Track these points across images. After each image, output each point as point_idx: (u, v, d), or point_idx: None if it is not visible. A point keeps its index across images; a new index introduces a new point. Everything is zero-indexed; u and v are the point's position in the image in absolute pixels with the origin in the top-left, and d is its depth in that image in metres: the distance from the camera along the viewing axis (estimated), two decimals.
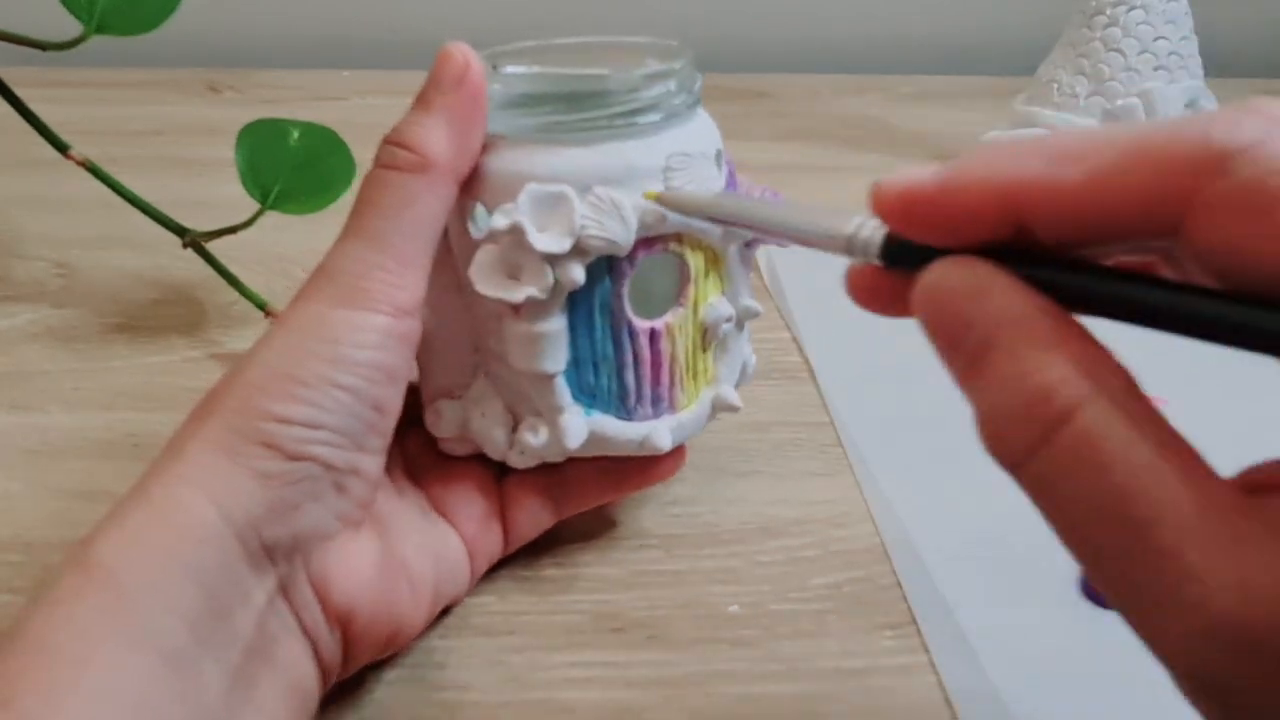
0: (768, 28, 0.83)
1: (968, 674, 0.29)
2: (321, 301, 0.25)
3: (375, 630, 0.26)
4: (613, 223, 0.26)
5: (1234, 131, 0.15)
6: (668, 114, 0.27)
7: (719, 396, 0.30)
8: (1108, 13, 0.55)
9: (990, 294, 0.17)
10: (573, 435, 0.28)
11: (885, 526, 0.34)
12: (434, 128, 0.26)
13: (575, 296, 0.27)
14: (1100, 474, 0.15)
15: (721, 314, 0.29)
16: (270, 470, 0.24)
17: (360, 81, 0.72)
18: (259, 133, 0.40)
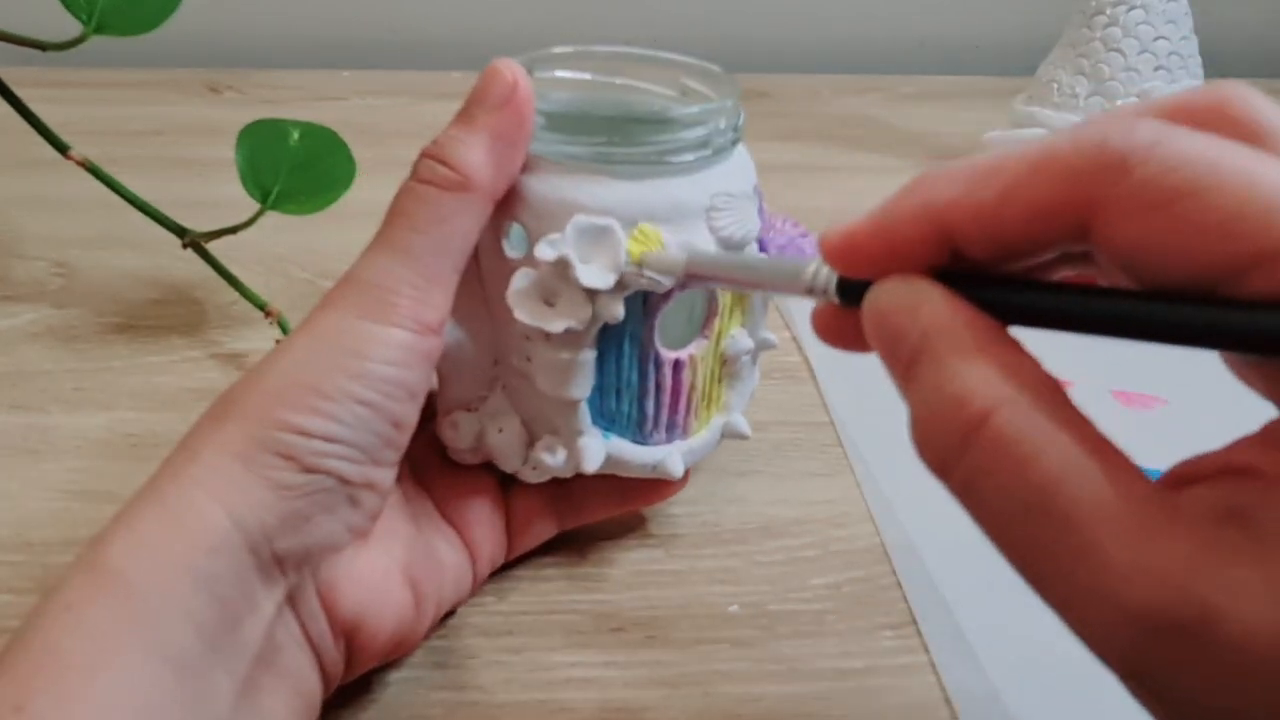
0: (768, 28, 0.83)
1: (968, 674, 0.29)
2: (347, 312, 0.25)
3: (379, 640, 0.26)
4: (655, 260, 0.25)
5: (1130, 135, 0.16)
6: (715, 150, 0.27)
7: (729, 424, 0.31)
8: (1108, 13, 0.55)
9: (922, 307, 0.18)
10: (590, 458, 0.28)
11: (885, 526, 0.34)
12: (475, 146, 0.25)
13: (607, 327, 0.27)
14: (1018, 473, 0.16)
15: (743, 347, 0.30)
16: (286, 481, 0.23)
17: (360, 81, 0.72)
18: (259, 133, 0.40)
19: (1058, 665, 0.29)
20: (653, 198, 0.26)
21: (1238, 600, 0.14)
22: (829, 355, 0.44)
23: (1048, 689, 0.29)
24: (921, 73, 0.79)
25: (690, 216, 0.26)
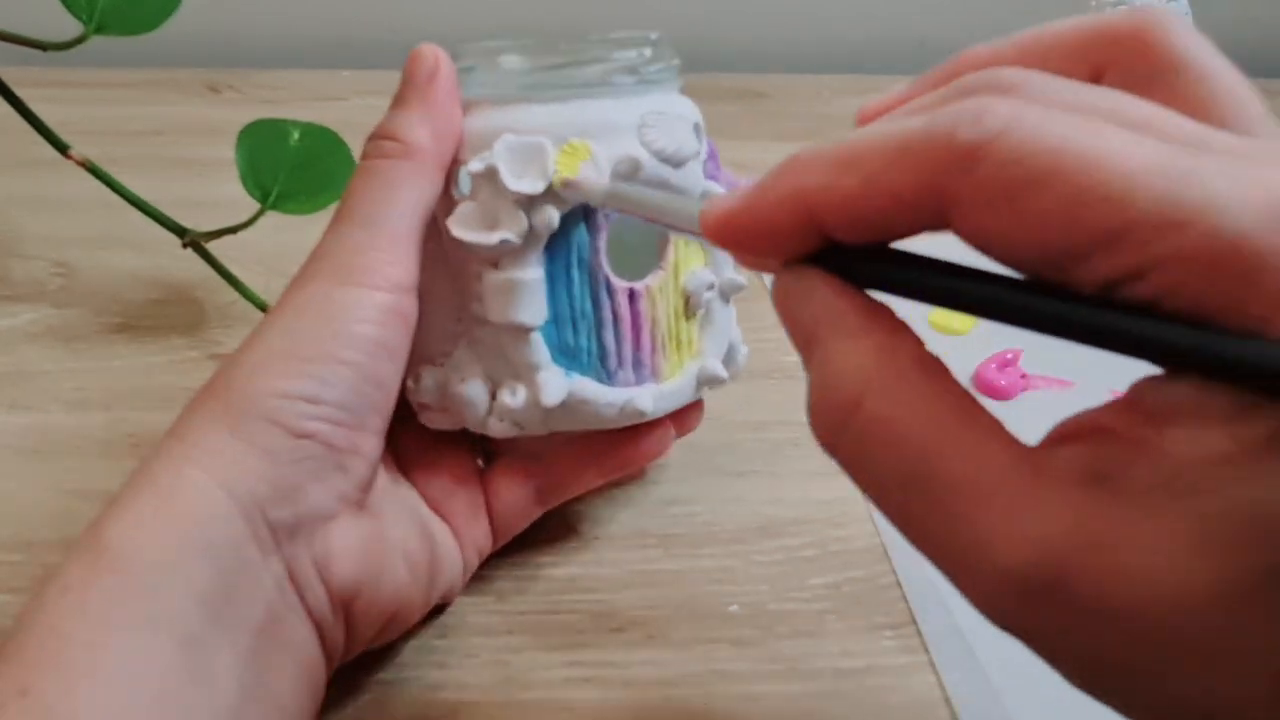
0: (768, 28, 0.83)
1: (967, 674, 0.29)
2: (318, 281, 0.26)
3: (377, 610, 0.26)
4: (587, 168, 0.26)
5: (977, 126, 0.16)
6: (644, 80, 0.28)
7: (704, 369, 0.30)
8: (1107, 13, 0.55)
9: (813, 295, 0.18)
10: (550, 392, 0.27)
11: (885, 526, 0.34)
12: (413, 118, 0.27)
13: (553, 251, 0.27)
14: (892, 451, 0.17)
15: (703, 280, 0.29)
16: (274, 447, 0.24)
17: (360, 81, 0.72)
18: (259, 133, 0.40)
19: None
20: (581, 115, 0.27)
21: (1093, 555, 0.15)
22: None
23: (1047, 689, 0.29)
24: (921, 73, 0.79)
25: (621, 131, 0.27)
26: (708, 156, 0.29)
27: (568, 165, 0.26)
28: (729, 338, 0.31)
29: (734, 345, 0.32)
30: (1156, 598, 0.15)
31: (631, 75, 0.28)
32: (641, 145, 0.27)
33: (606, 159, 0.26)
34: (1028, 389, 0.41)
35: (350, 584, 0.26)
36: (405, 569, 0.27)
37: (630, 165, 0.27)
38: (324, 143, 0.41)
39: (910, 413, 0.17)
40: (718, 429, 0.32)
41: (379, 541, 0.27)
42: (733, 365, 0.32)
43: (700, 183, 0.28)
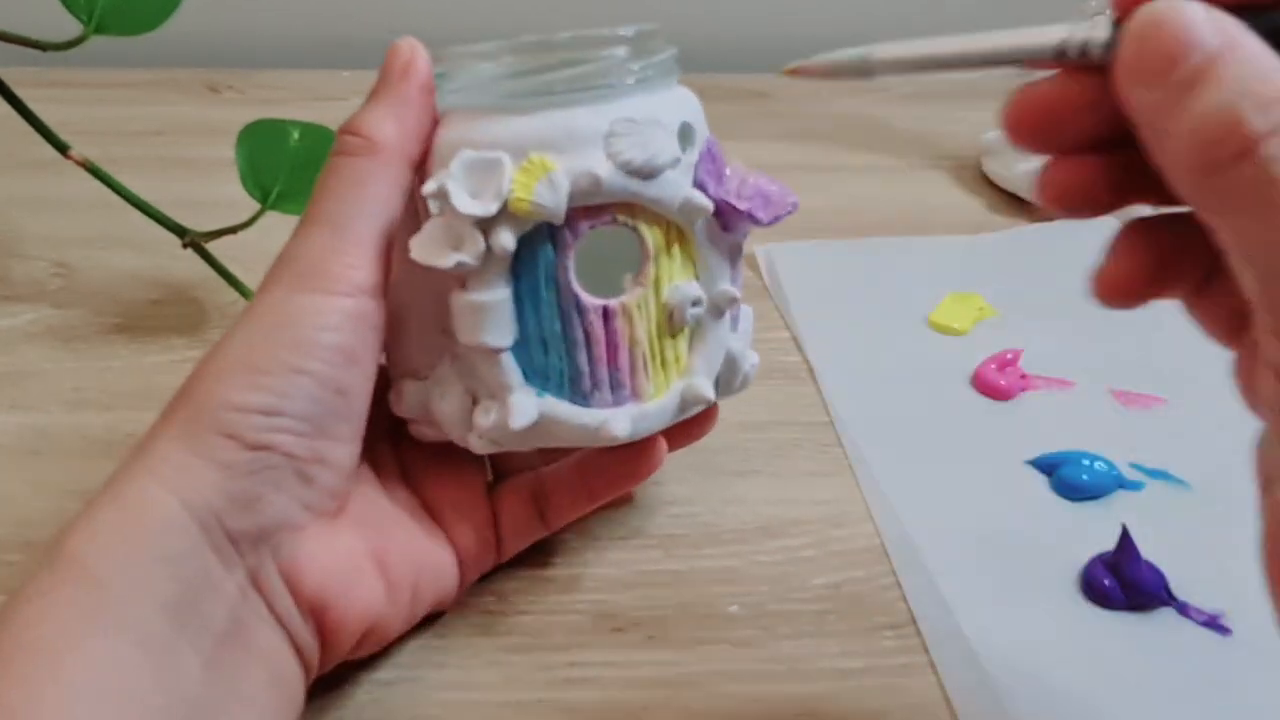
0: (768, 28, 0.83)
1: (967, 674, 0.29)
2: (279, 288, 0.25)
3: (349, 623, 0.26)
4: (542, 187, 0.25)
5: None
6: (625, 81, 0.27)
7: (689, 387, 0.28)
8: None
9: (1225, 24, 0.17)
10: (519, 414, 0.26)
11: (885, 526, 0.35)
12: (381, 114, 0.27)
13: (520, 269, 0.26)
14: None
15: (687, 296, 0.27)
16: (229, 460, 0.24)
17: (360, 81, 0.72)
18: (259, 133, 0.40)
19: (1058, 665, 0.30)
20: (544, 128, 0.26)
21: None
22: (829, 355, 0.44)
23: (1047, 689, 0.29)
24: None
25: (585, 144, 0.26)
26: (701, 158, 0.27)
27: (523, 184, 0.25)
28: (724, 353, 0.29)
29: (735, 357, 0.30)
30: None
31: (608, 78, 0.26)
32: (607, 157, 0.25)
33: (566, 174, 0.25)
34: (1027, 389, 0.41)
35: (320, 594, 0.25)
36: (381, 584, 0.27)
37: (589, 181, 0.25)
38: (324, 143, 0.41)
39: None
40: (718, 429, 0.32)
41: (353, 553, 0.27)
42: (736, 378, 0.30)
43: (680, 192, 0.27)
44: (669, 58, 0.28)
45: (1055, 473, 0.36)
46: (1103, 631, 0.31)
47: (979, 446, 0.38)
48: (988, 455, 0.38)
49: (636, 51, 0.27)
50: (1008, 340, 0.43)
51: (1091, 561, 0.32)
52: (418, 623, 0.29)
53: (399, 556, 0.28)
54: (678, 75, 0.28)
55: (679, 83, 0.29)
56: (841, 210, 0.57)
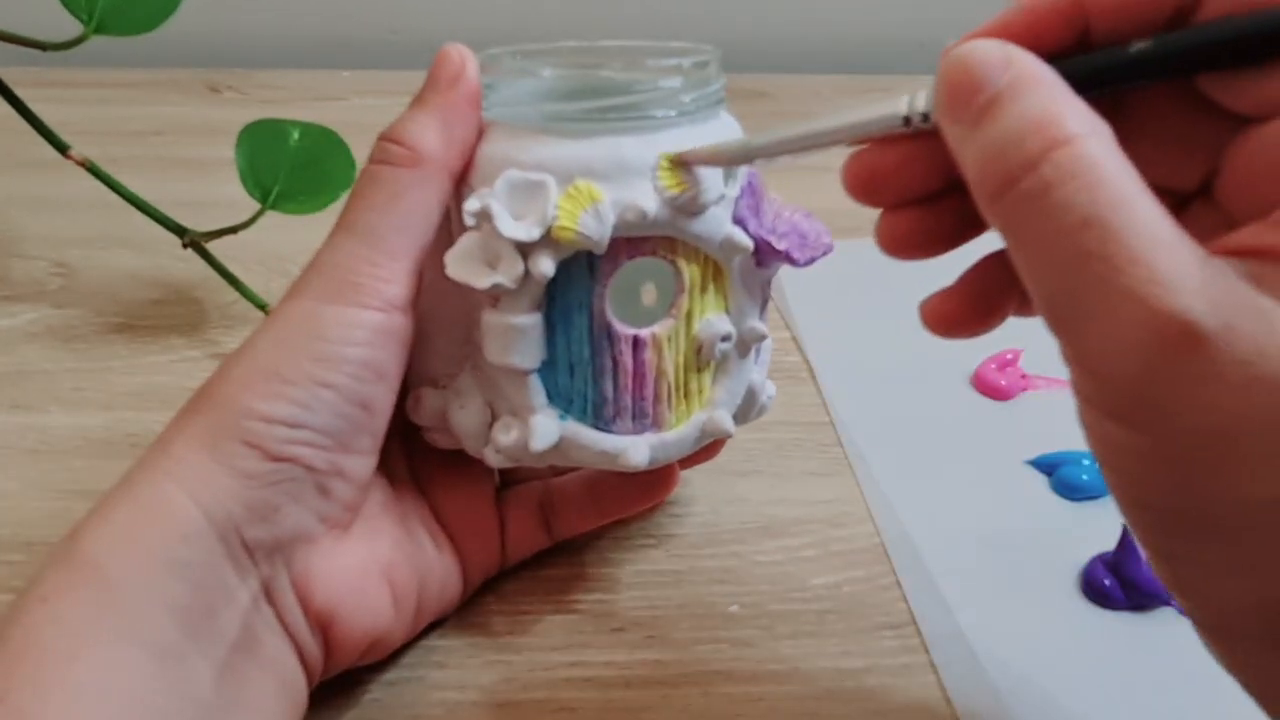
0: (768, 28, 0.83)
1: (967, 674, 0.29)
2: (310, 297, 0.25)
3: (355, 637, 0.26)
4: (587, 217, 0.25)
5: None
6: (673, 112, 0.26)
7: (711, 420, 0.28)
8: None
9: (1015, 61, 0.18)
10: (540, 436, 0.26)
11: (885, 526, 0.34)
12: (426, 124, 0.26)
13: (555, 294, 0.26)
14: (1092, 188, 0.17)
15: (717, 331, 0.27)
16: (251, 470, 0.24)
17: (360, 81, 0.72)
18: (259, 133, 0.40)
19: (1058, 665, 0.30)
20: (593, 155, 0.25)
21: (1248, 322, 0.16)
22: (829, 355, 0.44)
23: (1047, 689, 0.29)
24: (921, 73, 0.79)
25: (633, 174, 0.25)
26: (743, 192, 0.27)
27: (568, 212, 0.24)
28: (745, 387, 0.29)
29: (755, 390, 0.30)
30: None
31: (662, 108, 0.26)
32: (654, 191, 0.25)
33: (613, 205, 0.25)
34: (1027, 389, 0.41)
35: (329, 608, 0.25)
36: (388, 596, 0.27)
37: (636, 214, 0.25)
38: (324, 143, 0.41)
39: (1116, 165, 0.17)
40: None
41: (363, 567, 0.26)
42: (753, 409, 0.30)
43: (722, 229, 0.26)
44: (719, 88, 0.27)
45: (1055, 473, 0.36)
46: (1103, 631, 0.31)
47: (979, 447, 0.38)
48: (988, 455, 0.38)
49: (689, 82, 0.26)
50: (1007, 340, 0.43)
51: (1092, 561, 0.32)
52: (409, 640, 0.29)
53: (406, 569, 0.28)
54: (724, 104, 0.28)
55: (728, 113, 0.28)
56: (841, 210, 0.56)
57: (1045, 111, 0.17)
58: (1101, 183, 0.17)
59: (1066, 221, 0.17)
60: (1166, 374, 0.16)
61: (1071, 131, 0.17)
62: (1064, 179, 0.17)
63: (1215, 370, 0.16)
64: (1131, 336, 0.16)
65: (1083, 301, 0.17)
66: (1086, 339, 0.17)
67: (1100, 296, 0.16)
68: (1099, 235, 0.16)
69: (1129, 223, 0.16)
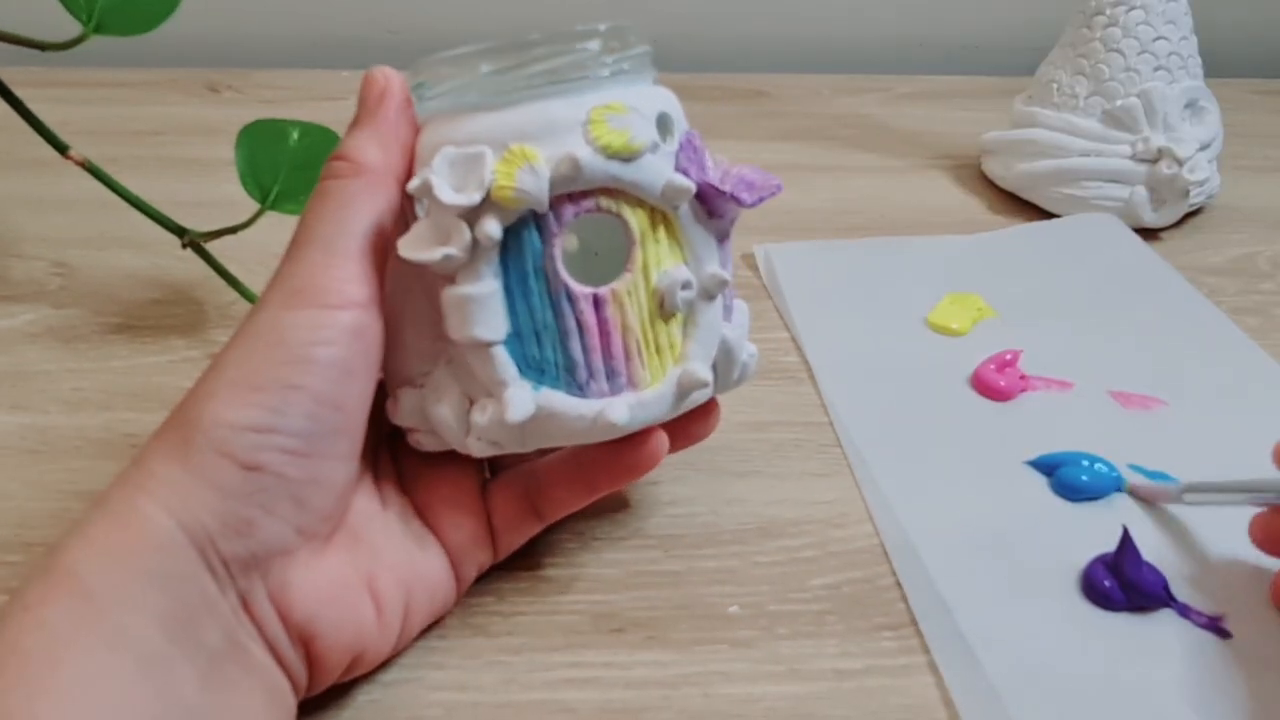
0: (768, 28, 0.83)
1: (967, 674, 0.29)
2: (272, 307, 0.25)
3: (337, 652, 0.26)
4: (524, 174, 0.25)
5: None
6: (597, 75, 0.27)
7: (685, 373, 0.28)
8: (1107, 13, 0.55)
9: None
10: (515, 408, 0.26)
11: (884, 527, 0.35)
12: (363, 137, 0.27)
13: (508, 262, 0.26)
14: None
15: (675, 280, 0.27)
16: (223, 481, 0.23)
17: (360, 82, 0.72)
18: (259, 133, 0.40)
19: (1057, 666, 0.30)
20: (522, 120, 0.26)
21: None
22: (828, 355, 0.44)
23: (1047, 690, 0.29)
24: (920, 73, 0.79)
25: (565, 132, 0.26)
26: (682, 147, 0.28)
27: (505, 173, 0.25)
28: (718, 338, 0.29)
29: (731, 345, 0.29)
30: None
31: (583, 70, 0.27)
32: (586, 143, 0.26)
33: (547, 161, 0.25)
34: (1027, 390, 0.41)
35: (309, 622, 0.25)
36: (370, 609, 0.27)
37: (570, 165, 0.25)
38: (324, 143, 0.41)
39: None
40: (719, 429, 0.32)
41: (344, 580, 0.26)
42: (734, 368, 0.30)
43: (662, 175, 0.27)
44: (643, 54, 0.28)
45: (1055, 473, 0.36)
46: (1103, 633, 0.31)
47: (978, 447, 0.38)
48: (987, 456, 0.38)
49: (610, 46, 0.27)
50: (1007, 341, 0.43)
51: (1092, 563, 0.32)
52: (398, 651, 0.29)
53: (391, 578, 0.28)
54: (654, 74, 0.29)
55: (657, 83, 0.29)
56: (841, 210, 0.57)
57: None
58: None
59: None
60: None
61: None
62: None
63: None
64: None
65: None
66: None
67: None
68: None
69: None
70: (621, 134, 0.26)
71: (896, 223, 0.55)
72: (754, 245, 0.50)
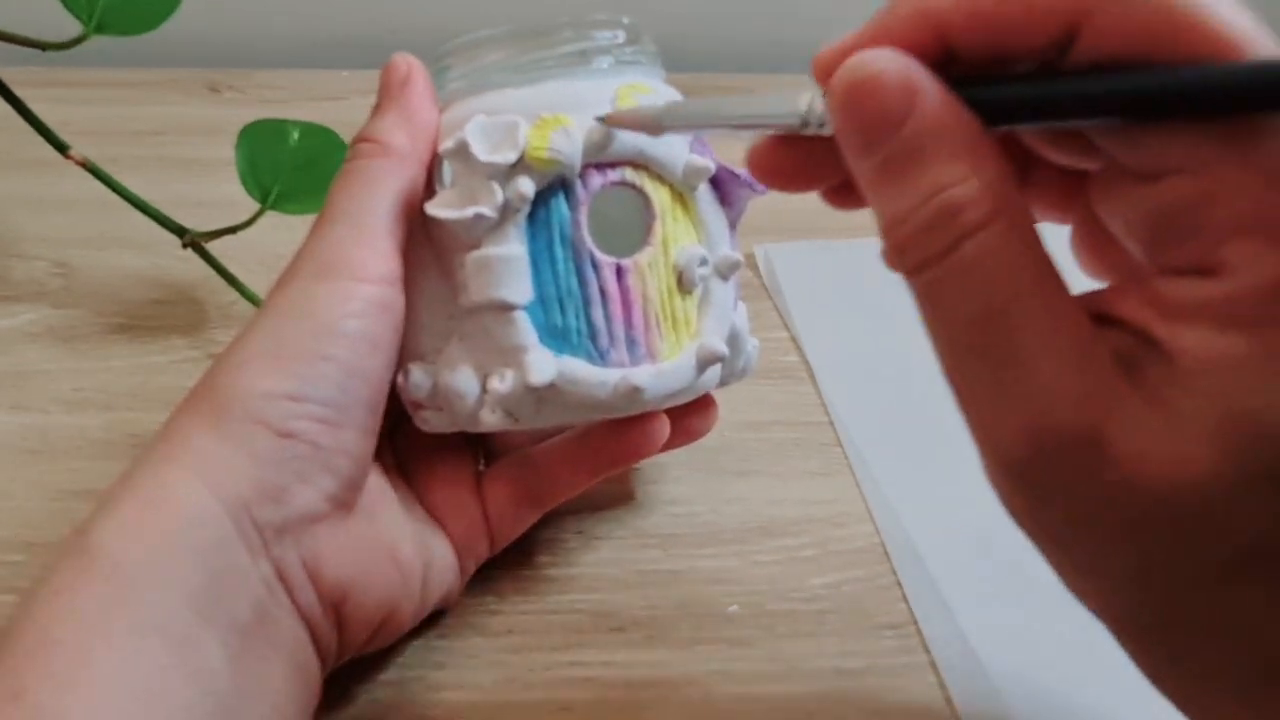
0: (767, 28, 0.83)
1: (968, 674, 0.29)
2: (301, 279, 0.26)
3: (367, 613, 0.26)
4: (558, 136, 0.26)
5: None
6: (619, 61, 0.28)
7: (703, 347, 0.29)
8: None
9: (921, 96, 0.18)
10: (538, 371, 0.26)
11: (884, 526, 0.35)
12: (389, 120, 0.28)
13: (535, 229, 0.27)
14: (990, 285, 0.17)
15: (694, 256, 0.28)
16: (259, 448, 0.24)
17: (360, 81, 0.72)
18: (259, 133, 0.40)
19: (1058, 665, 0.30)
20: (553, 95, 0.27)
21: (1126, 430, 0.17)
22: (828, 355, 0.44)
23: (1048, 689, 0.29)
24: None
25: (593, 107, 0.27)
26: (693, 140, 0.29)
27: (540, 134, 0.26)
28: (730, 319, 0.30)
29: (738, 332, 0.30)
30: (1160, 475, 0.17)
31: (606, 56, 0.28)
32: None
33: (580, 128, 0.26)
34: None
35: (341, 585, 0.25)
36: (396, 573, 0.27)
37: (602, 134, 0.26)
38: (324, 143, 0.41)
39: (1015, 256, 0.17)
40: (718, 429, 0.32)
41: (369, 544, 0.27)
42: (740, 356, 0.31)
43: (684, 155, 0.28)
44: (655, 51, 0.29)
45: None
46: (1105, 635, 0.30)
47: None
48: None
49: (629, 36, 0.29)
50: None
51: None
52: (418, 622, 0.29)
53: (409, 546, 0.28)
54: (663, 73, 0.30)
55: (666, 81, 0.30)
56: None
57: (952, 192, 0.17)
58: (999, 279, 0.17)
59: (968, 310, 0.18)
60: (1040, 469, 0.18)
61: (971, 222, 0.17)
62: (966, 274, 0.17)
63: (1084, 473, 0.17)
64: (1013, 433, 0.18)
65: (979, 395, 0.18)
66: (980, 418, 0.18)
67: (992, 389, 0.18)
68: (994, 333, 0.17)
69: (1025, 320, 0.17)
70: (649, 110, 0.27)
71: None
72: (754, 245, 0.50)
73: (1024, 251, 0.18)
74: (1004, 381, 0.18)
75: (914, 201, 0.18)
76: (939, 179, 0.18)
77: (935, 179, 0.18)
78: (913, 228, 0.18)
